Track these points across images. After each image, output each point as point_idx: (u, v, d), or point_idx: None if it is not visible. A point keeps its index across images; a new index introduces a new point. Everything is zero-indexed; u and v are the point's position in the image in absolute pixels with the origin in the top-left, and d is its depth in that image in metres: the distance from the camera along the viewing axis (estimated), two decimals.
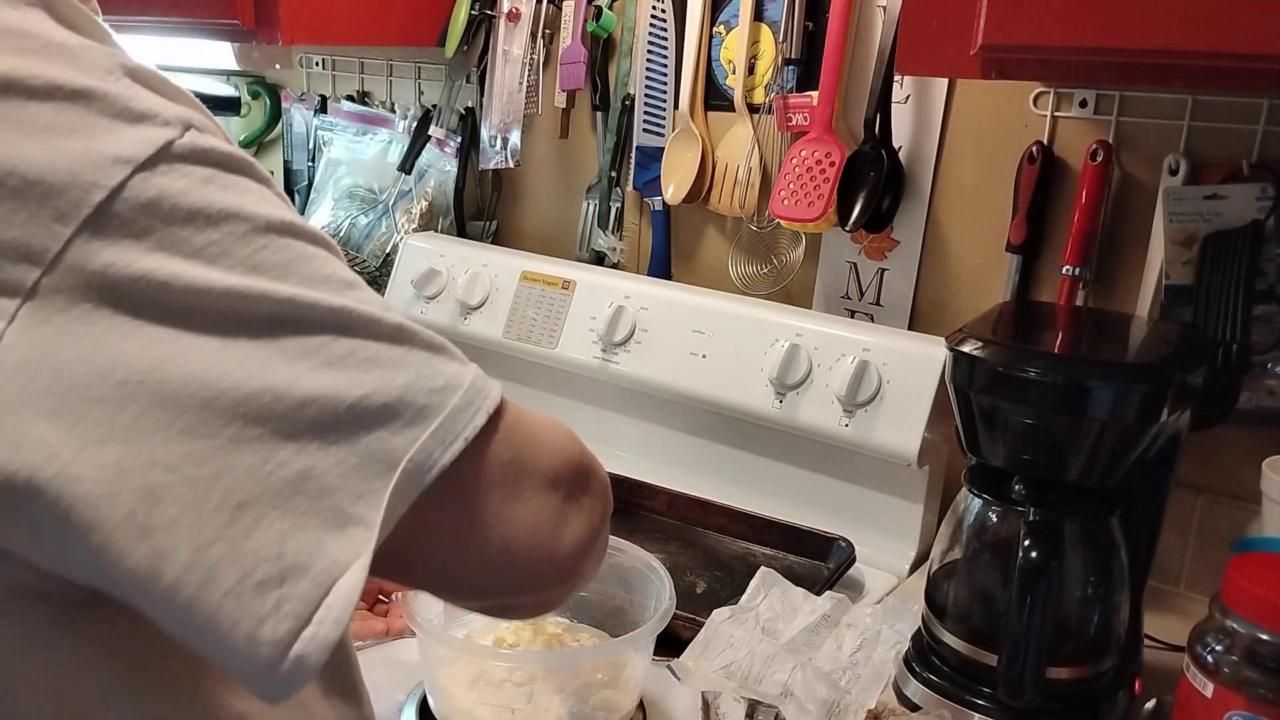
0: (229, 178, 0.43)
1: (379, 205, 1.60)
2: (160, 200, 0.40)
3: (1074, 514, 0.83)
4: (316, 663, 0.40)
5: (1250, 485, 0.93)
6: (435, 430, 0.44)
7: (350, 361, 0.43)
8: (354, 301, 0.44)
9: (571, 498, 0.52)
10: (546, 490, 0.50)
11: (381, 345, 0.44)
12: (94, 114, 0.40)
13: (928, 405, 1.07)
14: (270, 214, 0.43)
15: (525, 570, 0.50)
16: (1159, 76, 0.87)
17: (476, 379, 0.47)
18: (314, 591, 0.40)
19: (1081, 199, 1.06)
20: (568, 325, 1.33)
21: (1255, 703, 0.68)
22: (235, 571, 0.39)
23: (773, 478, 1.23)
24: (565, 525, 0.51)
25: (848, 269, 1.28)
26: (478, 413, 0.46)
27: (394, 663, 0.90)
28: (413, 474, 0.43)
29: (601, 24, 1.39)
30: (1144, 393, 0.78)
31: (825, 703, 0.84)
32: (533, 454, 0.50)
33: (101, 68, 0.42)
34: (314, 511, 0.41)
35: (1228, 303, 0.97)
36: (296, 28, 1.33)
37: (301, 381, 0.41)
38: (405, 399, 0.43)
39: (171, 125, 0.42)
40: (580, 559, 0.53)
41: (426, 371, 0.45)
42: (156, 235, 0.40)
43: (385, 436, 0.43)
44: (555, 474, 0.51)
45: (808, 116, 1.23)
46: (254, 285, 0.41)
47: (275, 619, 0.40)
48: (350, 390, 0.42)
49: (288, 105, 1.83)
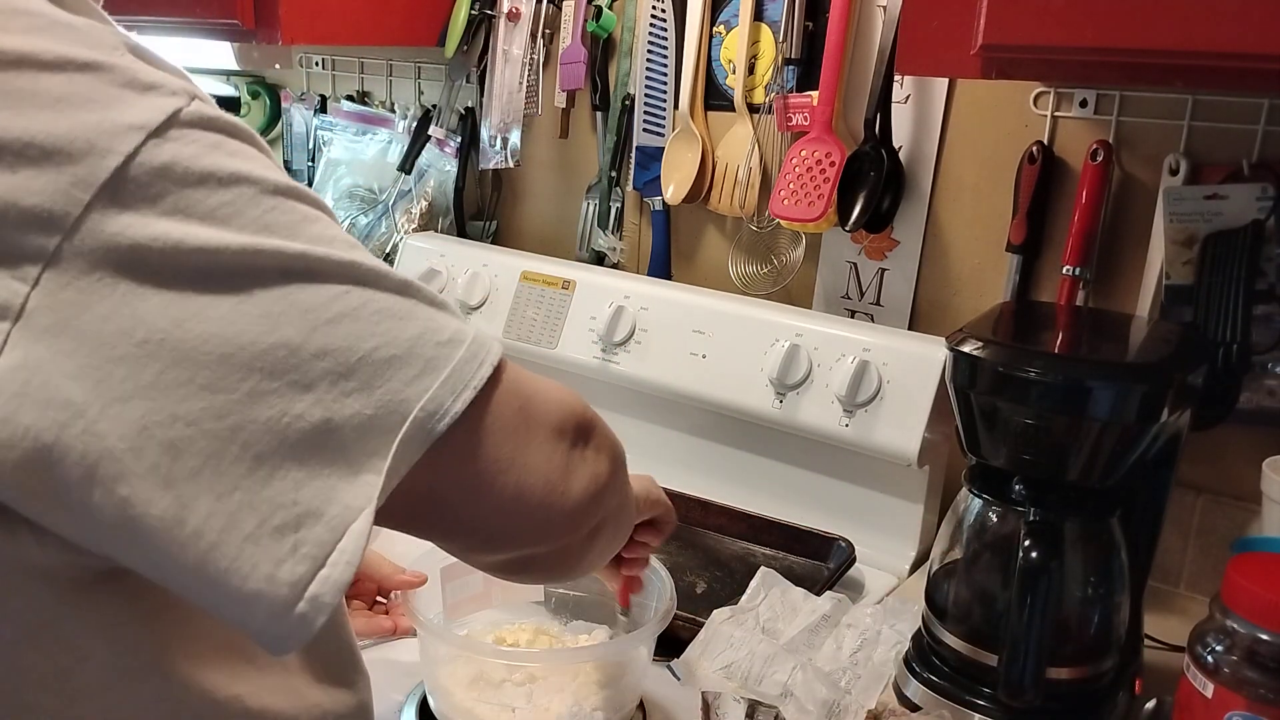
0: (234, 144, 0.45)
1: (379, 205, 1.60)
2: (173, 165, 0.42)
3: (1074, 514, 0.83)
4: (331, 602, 0.42)
5: (1250, 485, 0.93)
6: (445, 380, 0.46)
7: (362, 314, 0.44)
8: (361, 257, 0.46)
9: (577, 447, 0.55)
10: (554, 438, 0.53)
11: (390, 298, 0.46)
12: (104, 84, 0.42)
13: (928, 405, 1.07)
14: (276, 178, 0.45)
15: (539, 517, 0.52)
16: (1159, 76, 0.87)
17: (479, 334, 0.49)
18: (328, 535, 0.43)
19: (1081, 199, 1.06)
20: (568, 325, 1.33)
21: (1255, 703, 0.68)
22: (254, 518, 0.41)
23: (773, 478, 1.23)
24: (574, 473, 0.54)
25: (848, 269, 1.28)
26: (483, 364, 0.48)
27: (394, 663, 0.90)
28: (424, 422, 0.45)
29: (601, 24, 1.39)
30: (1144, 393, 0.78)
31: (825, 703, 0.84)
32: (538, 404, 0.52)
33: (107, 44, 0.43)
34: (328, 461, 0.43)
35: (1228, 303, 0.97)
36: (296, 28, 1.33)
37: (316, 335, 0.43)
38: (415, 350, 0.45)
39: (178, 95, 0.43)
40: (590, 507, 0.55)
41: (433, 325, 0.47)
42: (171, 198, 0.41)
43: (398, 387, 0.45)
44: (561, 423, 0.54)
45: (808, 116, 1.23)
46: (266, 243, 0.43)
47: (293, 560, 0.42)
48: (362, 342, 0.44)
49: (288, 105, 1.83)
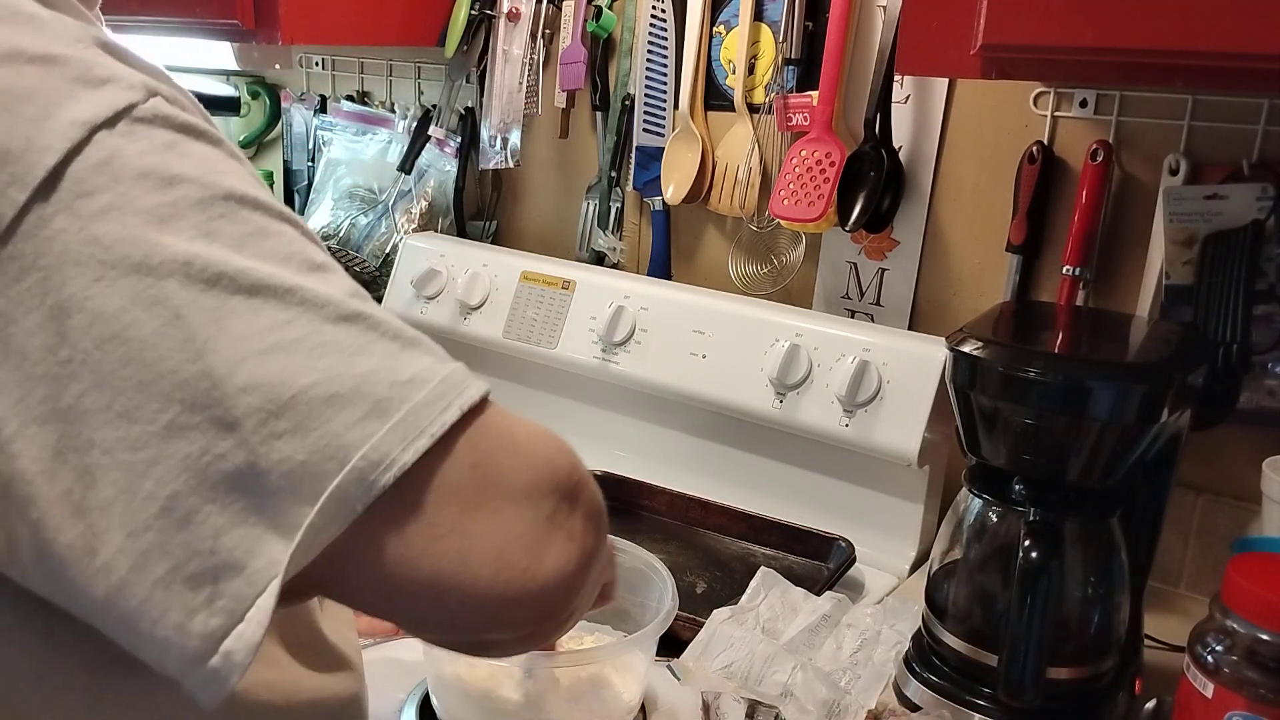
0: (193, 145, 0.41)
1: (379, 205, 1.60)
2: (112, 159, 0.39)
3: (1074, 514, 0.83)
4: (244, 661, 0.39)
5: (1250, 485, 0.93)
6: (396, 425, 0.40)
7: (302, 346, 0.40)
8: (315, 283, 0.41)
9: (554, 518, 0.45)
10: (519, 504, 0.44)
11: (341, 330, 0.41)
12: (55, 78, 0.40)
13: (928, 405, 1.07)
14: (234, 186, 0.41)
15: (491, 598, 0.43)
16: (1159, 76, 0.87)
17: (452, 375, 0.43)
18: (248, 590, 0.39)
19: (1081, 199, 1.06)
20: (568, 325, 1.33)
21: (1255, 703, 0.68)
22: (166, 562, 0.39)
23: (773, 478, 1.23)
24: (545, 548, 0.44)
25: (848, 269, 1.28)
26: (448, 409, 0.42)
27: (394, 662, 0.90)
28: (365, 473, 0.40)
29: (601, 24, 1.39)
30: (1144, 393, 0.78)
31: (825, 703, 0.84)
32: (506, 460, 0.44)
33: (70, 36, 0.41)
34: (254, 509, 0.39)
35: (1228, 303, 0.97)
36: (296, 28, 1.33)
37: (244, 366, 0.39)
38: (363, 389, 0.40)
39: (135, 89, 0.41)
40: (565, 591, 0.45)
41: (390, 363, 0.41)
42: (108, 195, 0.39)
43: (337, 430, 0.39)
44: (532, 486, 0.44)
45: (808, 116, 1.23)
46: (203, 253, 0.39)
47: (207, 613, 0.39)
48: (298, 378, 0.39)
49: (287, 105, 1.83)
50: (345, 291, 0.43)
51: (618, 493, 1.24)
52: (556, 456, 0.47)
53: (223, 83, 1.86)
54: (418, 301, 1.45)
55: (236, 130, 1.92)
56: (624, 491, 1.24)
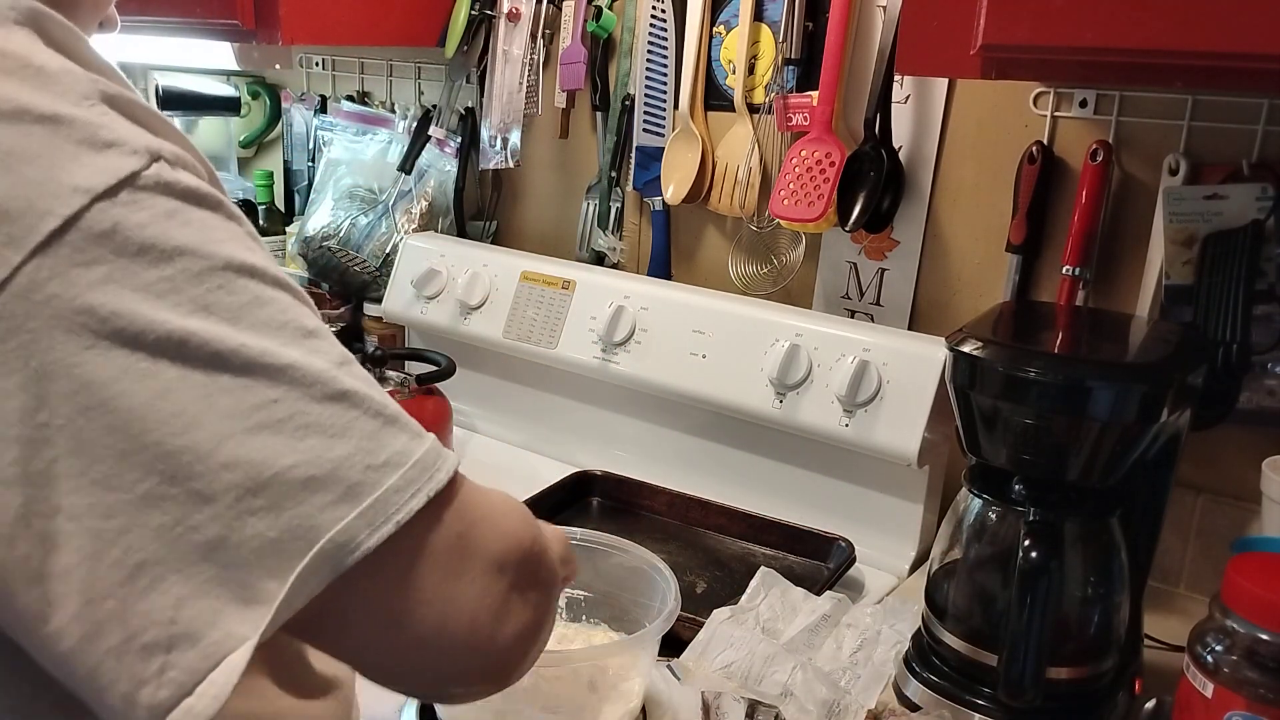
0: (194, 213, 0.42)
1: (379, 205, 1.60)
2: (114, 231, 0.39)
3: (1074, 514, 0.83)
4: None
5: (1250, 485, 0.93)
6: (365, 510, 0.42)
7: (286, 426, 0.41)
8: (307, 355, 0.42)
9: (517, 587, 0.48)
10: (490, 575, 0.47)
11: (326, 409, 0.42)
12: (60, 140, 0.40)
13: (928, 405, 1.07)
14: (231, 254, 0.42)
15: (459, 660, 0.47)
16: (1159, 76, 0.87)
17: (425, 456, 0.44)
18: (201, 663, 0.39)
19: (1081, 199, 1.06)
20: (568, 325, 1.33)
21: (1255, 703, 0.68)
22: (121, 631, 0.39)
23: (773, 478, 1.23)
24: (507, 615, 0.48)
25: (848, 269, 1.28)
26: (416, 495, 0.43)
27: None
28: (331, 554, 0.41)
29: (601, 24, 1.39)
30: (1144, 393, 0.78)
31: (825, 703, 0.84)
32: (479, 535, 0.47)
33: (78, 93, 0.41)
34: (218, 581, 0.40)
35: (1228, 303, 0.97)
36: (296, 28, 1.33)
37: (229, 444, 0.40)
38: (338, 473, 0.41)
39: (138, 155, 0.41)
40: (519, 654, 0.50)
41: (369, 445, 0.43)
42: (106, 266, 0.39)
43: (310, 511, 0.41)
44: (502, 559, 0.48)
45: (808, 116, 1.23)
46: (199, 329, 0.40)
47: (156, 684, 0.39)
48: (279, 458, 0.40)
49: (288, 105, 1.84)
50: (334, 362, 0.43)
51: (618, 493, 1.24)
52: (522, 530, 0.50)
53: (223, 83, 1.86)
54: (418, 301, 1.45)
55: (237, 130, 1.92)
56: (624, 491, 1.24)
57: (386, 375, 1.33)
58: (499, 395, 1.46)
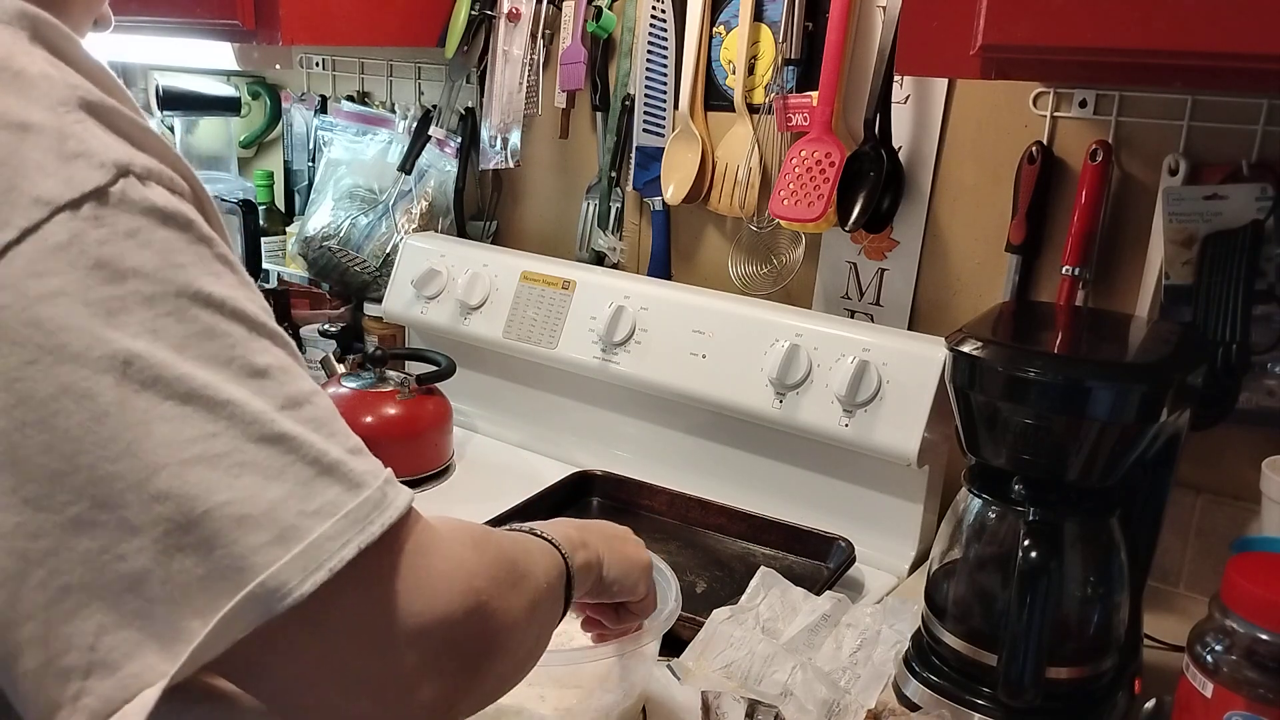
0: (157, 232, 0.41)
1: (379, 205, 1.60)
2: (70, 245, 0.39)
3: (1074, 514, 0.83)
4: None
5: (1250, 485, 0.93)
6: (298, 554, 0.41)
7: (223, 462, 0.40)
8: (250, 394, 0.41)
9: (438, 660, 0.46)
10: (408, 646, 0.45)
11: (264, 451, 0.41)
12: (27, 148, 0.39)
13: (928, 405, 1.07)
14: (189, 280, 0.41)
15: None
16: (1159, 76, 0.87)
17: (357, 508, 0.43)
18: (116, 693, 0.39)
19: (1081, 199, 1.06)
20: (568, 325, 1.33)
21: (1255, 703, 0.68)
22: (41, 654, 0.38)
23: (773, 478, 1.23)
24: (420, 689, 0.46)
25: (848, 269, 1.28)
26: (347, 545, 0.42)
27: None
28: (261, 598, 0.40)
29: (601, 24, 1.39)
30: (1144, 393, 0.78)
31: (825, 703, 0.84)
32: (407, 599, 0.45)
33: (54, 99, 0.40)
34: (142, 614, 0.39)
35: (1227, 303, 0.97)
36: (296, 28, 1.33)
37: (163, 474, 0.39)
38: (274, 514, 0.40)
39: (105, 168, 0.40)
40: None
41: (304, 490, 0.42)
42: (59, 280, 0.38)
43: (242, 551, 0.40)
44: (421, 630, 0.45)
45: (808, 116, 1.23)
46: (144, 352, 0.39)
47: (70, 709, 0.38)
48: (212, 494, 0.39)
49: (288, 105, 1.84)
50: (277, 404, 0.42)
51: (618, 493, 1.25)
52: (458, 600, 0.47)
53: (223, 83, 1.86)
54: (418, 301, 1.45)
55: (237, 130, 1.92)
56: (624, 491, 1.24)
57: (387, 375, 1.33)
58: (499, 395, 1.46)
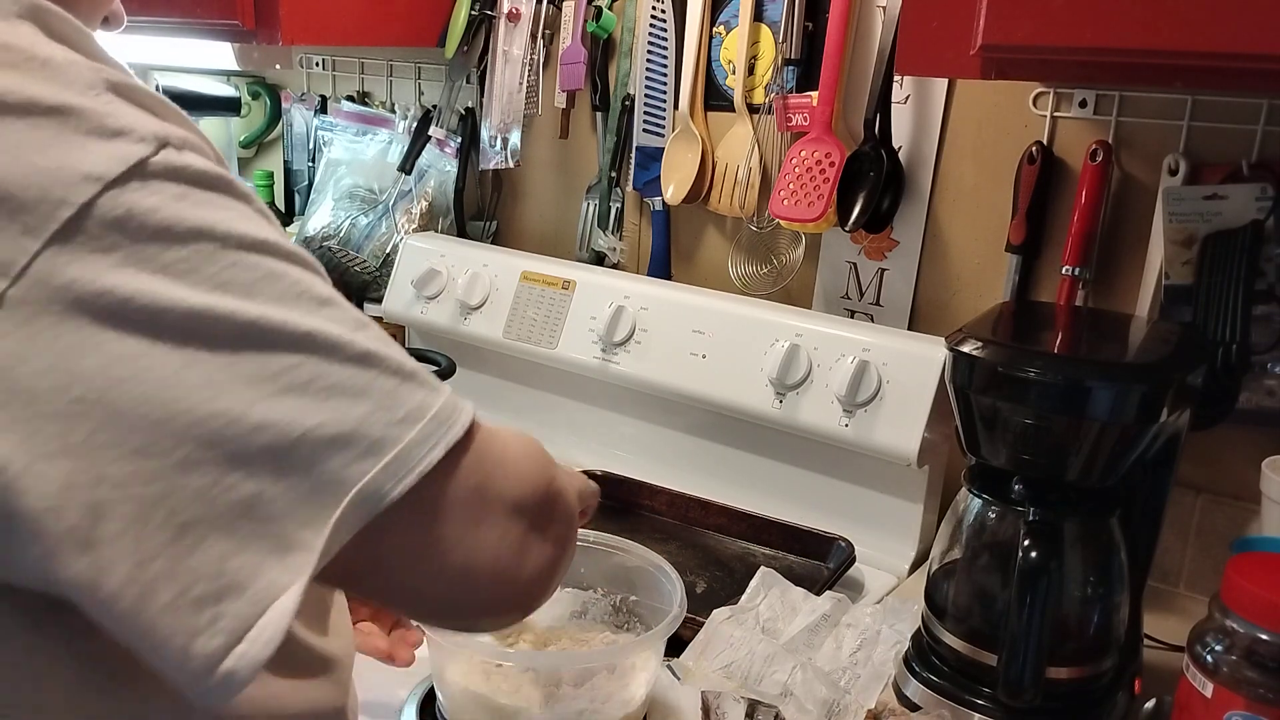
0: (203, 194, 0.43)
1: (379, 205, 1.60)
2: (129, 217, 0.41)
3: (1074, 514, 0.83)
4: (246, 679, 0.41)
5: (1250, 485, 0.93)
6: (388, 464, 0.44)
7: (310, 389, 0.43)
8: (324, 322, 0.44)
9: (536, 527, 0.52)
10: (510, 518, 0.51)
11: (346, 371, 0.44)
12: (69, 130, 0.41)
13: (928, 405, 1.07)
14: (243, 231, 0.44)
15: (485, 595, 0.51)
16: (1159, 76, 0.87)
17: (442, 409, 0.47)
18: (249, 610, 0.42)
19: (1081, 199, 1.06)
20: (568, 325, 1.33)
21: (1255, 702, 0.68)
22: (173, 587, 0.41)
23: (773, 478, 1.23)
24: (528, 553, 0.52)
25: (848, 269, 1.28)
26: (435, 446, 0.46)
27: None
28: (360, 505, 0.44)
29: (601, 24, 1.39)
30: (1144, 393, 0.78)
31: (825, 703, 0.84)
32: (499, 481, 0.50)
33: (83, 82, 0.42)
34: (257, 535, 0.42)
35: (1227, 303, 0.97)
36: (296, 28, 1.33)
37: (258, 407, 0.42)
38: (361, 430, 0.44)
39: (146, 142, 0.42)
40: (541, 587, 0.54)
41: (388, 402, 0.45)
42: (123, 251, 0.40)
43: (337, 467, 0.43)
44: (520, 502, 0.51)
45: (808, 117, 1.23)
46: (219, 304, 0.42)
47: (209, 634, 0.41)
48: (305, 419, 0.43)
49: (288, 105, 1.84)
50: (351, 326, 0.46)
51: (618, 493, 1.24)
52: (538, 473, 0.54)
53: (223, 83, 1.86)
54: (418, 301, 1.45)
55: (237, 130, 1.92)
56: (624, 491, 1.24)
57: None
58: (499, 395, 1.46)
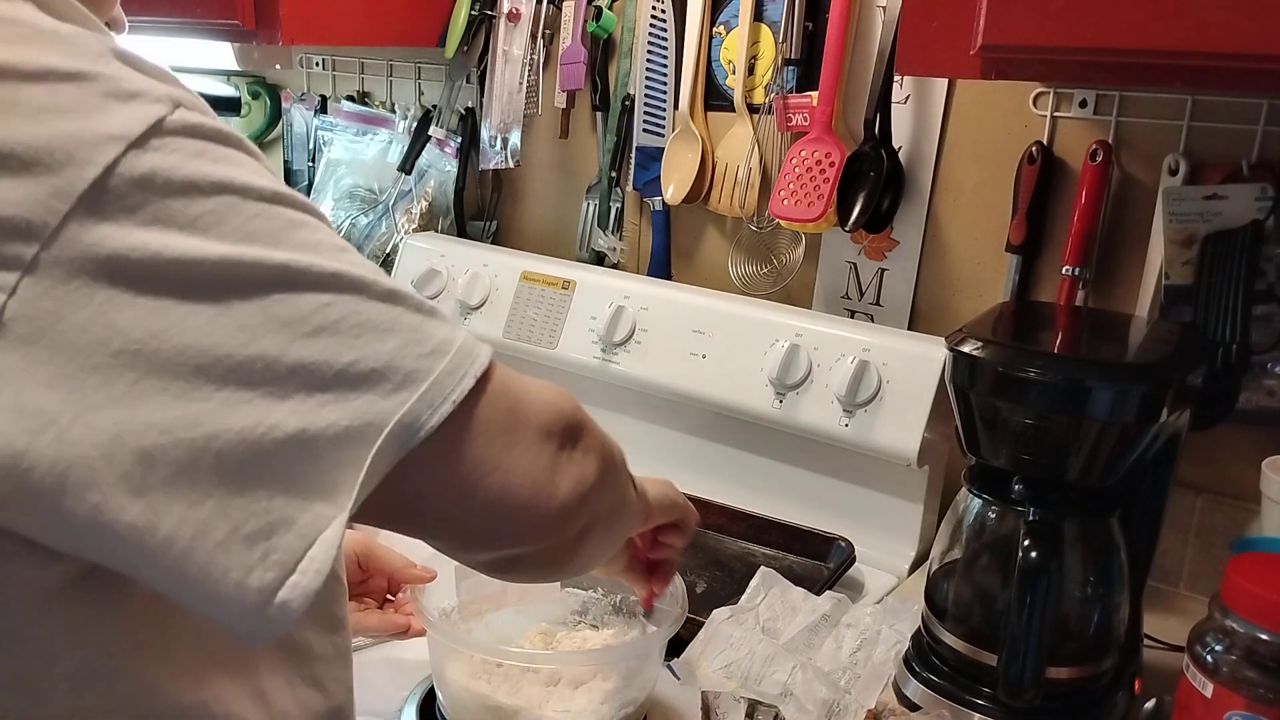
0: (220, 150, 0.45)
1: (379, 205, 1.60)
2: (153, 175, 0.42)
3: (1074, 514, 0.83)
4: (299, 608, 0.43)
5: (1250, 485, 0.93)
6: (424, 394, 0.46)
7: (342, 326, 0.45)
8: (346, 265, 0.46)
9: (564, 448, 0.55)
10: (541, 440, 0.53)
11: (375, 306, 0.46)
12: (87, 94, 0.42)
13: (928, 405, 1.07)
14: (262, 184, 0.45)
15: (524, 517, 0.53)
16: (1159, 76, 0.87)
17: (465, 343, 0.49)
18: (299, 543, 0.43)
19: (1081, 199, 1.06)
20: (568, 325, 1.33)
21: (1255, 702, 0.68)
22: (225, 525, 0.42)
23: (773, 478, 1.23)
24: (560, 474, 0.54)
25: (847, 269, 1.28)
26: (464, 376, 0.48)
27: (394, 662, 0.90)
28: (399, 435, 0.45)
29: (601, 24, 1.39)
30: (1144, 393, 0.78)
31: (825, 703, 0.84)
32: (525, 406, 0.53)
33: (93, 51, 0.43)
34: (303, 471, 0.43)
35: (1227, 303, 0.97)
36: (296, 28, 1.33)
37: (293, 347, 0.43)
38: (394, 364, 0.46)
39: (161, 102, 0.43)
40: (578, 508, 0.55)
41: (416, 336, 0.47)
42: (150, 208, 0.41)
43: (374, 399, 0.45)
44: (548, 425, 0.54)
45: (808, 117, 1.23)
46: (247, 253, 0.43)
47: (263, 568, 0.42)
48: (340, 355, 0.44)
49: (288, 105, 1.83)
50: (371, 269, 0.47)
51: None
52: (561, 401, 0.56)
53: (223, 83, 1.86)
54: None
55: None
56: None
57: None
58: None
